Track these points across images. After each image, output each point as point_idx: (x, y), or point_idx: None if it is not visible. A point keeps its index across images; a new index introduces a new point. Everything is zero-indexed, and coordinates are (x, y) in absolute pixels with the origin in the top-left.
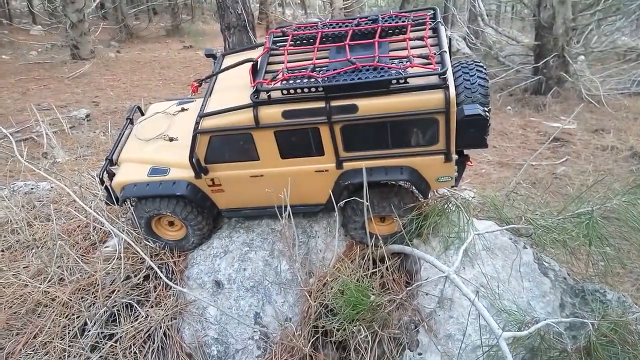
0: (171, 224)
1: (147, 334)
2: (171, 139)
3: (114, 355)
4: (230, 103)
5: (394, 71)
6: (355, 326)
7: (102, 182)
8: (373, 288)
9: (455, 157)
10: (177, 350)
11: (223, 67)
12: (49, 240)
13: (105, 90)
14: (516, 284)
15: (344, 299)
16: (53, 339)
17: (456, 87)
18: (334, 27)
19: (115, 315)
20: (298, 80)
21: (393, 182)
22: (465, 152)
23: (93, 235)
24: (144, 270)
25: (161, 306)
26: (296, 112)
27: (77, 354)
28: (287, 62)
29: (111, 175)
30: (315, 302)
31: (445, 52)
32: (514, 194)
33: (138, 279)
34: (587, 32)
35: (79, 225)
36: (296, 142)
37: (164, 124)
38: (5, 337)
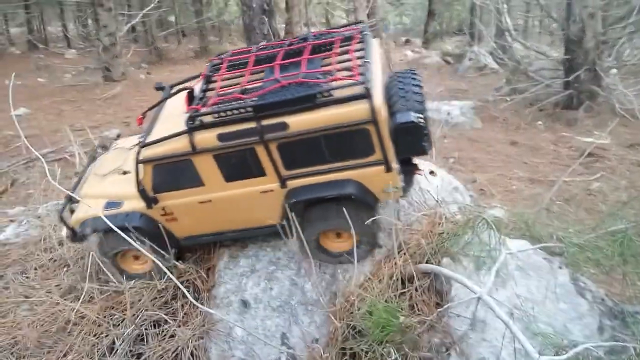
0: (136, 257)
1: (174, 354)
2: (124, 172)
3: None
4: (169, 132)
5: (317, 86)
6: (385, 348)
7: (62, 220)
8: (402, 309)
9: (396, 166)
10: None
11: (165, 106)
12: (79, 259)
13: (135, 111)
14: (552, 305)
15: (372, 320)
16: (83, 357)
17: (391, 96)
18: (267, 50)
19: (143, 334)
20: (227, 103)
21: (344, 196)
22: (415, 161)
23: None
24: (172, 289)
25: (188, 325)
26: (230, 134)
27: None
28: (220, 87)
29: (62, 217)
30: (341, 323)
31: (369, 62)
32: (546, 211)
33: (166, 298)
34: (619, 45)
35: None
36: (237, 165)
37: (121, 158)
38: (36, 355)
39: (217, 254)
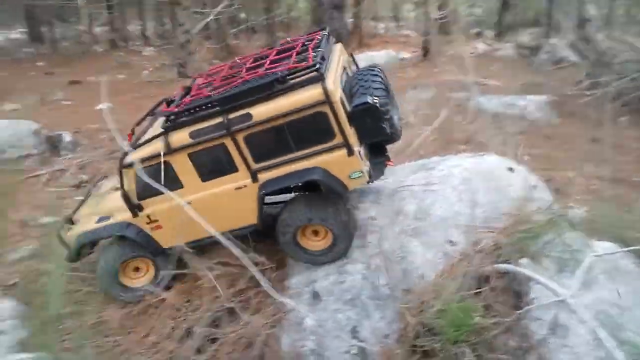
0: (137, 269)
1: (248, 341)
2: (117, 189)
3: (216, 358)
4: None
5: (271, 75)
6: (460, 348)
7: (60, 239)
8: (477, 309)
9: (357, 149)
10: (276, 358)
11: (155, 122)
12: None
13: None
14: None
15: (447, 319)
16: (162, 339)
17: (351, 88)
18: (239, 61)
19: (218, 321)
20: (197, 101)
21: (319, 189)
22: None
23: None
24: (246, 279)
25: (261, 314)
26: (201, 130)
27: (184, 355)
28: (195, 92)
29: (61, 236)
30: (414, 320)
31: (322, 51)
32: (630, 212)
33: (240, 287)
34: None
35: None
36: (210, 162)
37: (115, 180)
38: (120, 335)
39: None
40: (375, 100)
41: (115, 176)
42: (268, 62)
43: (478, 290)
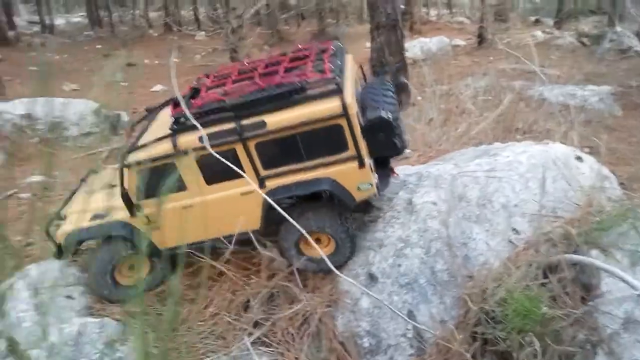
0: (131, 267)
1: (303, 317)
2: (112, 186)
3: (273, 333)
4: (156, 137)
5: (290, 85)
6: (525, 337)
7: (48, 235)
8: (542, 299)
9: (369, 161)
10: (331, 337)
11: (154, 120)
12: None
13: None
14: None
15: (512, 307)
16: (220, 310)
17: (362, 101)
18: (249, 65)
19: (274, 296)
20: (209, 105)
21: (321, 197)
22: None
23: None
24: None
25: (317, 293)
26: (211, 135)
27: (241, 328)
28: (205, 94)
29: (49, 232)
30: (475, 307)
31: (340, 64)
32: None
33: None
34: None
35: None
36: (218, 167)
37: (110, 176)
38: (180, 305)
39: None
40: (389, 116)
41: (105, 172)
42: (282, 69)
43: (544, 281)
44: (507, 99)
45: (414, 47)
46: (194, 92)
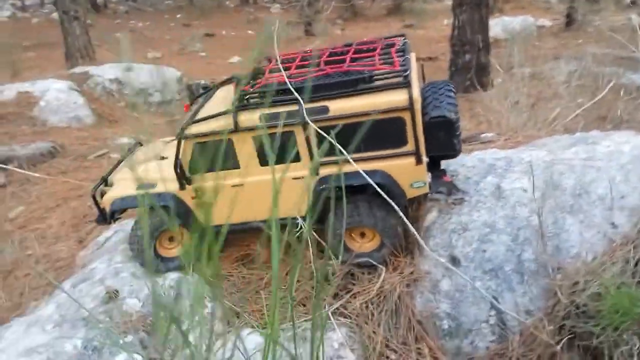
0: (171, 239)
1: (383, 294)
2: (162, 158)
3: (352, 306)
4: (214, 112)
5: (358, 73)
6: (623, 335)
7: (95, 200)
8: None
9: (426, 159)
10: (410, 316)
11: (212, 96)
12: None
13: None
14: None
15: (609, 303)
16: (302, 279)
17: (424, 99)
18: (310, 53)
19: (354, 272)
20: (273, 86)
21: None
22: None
23: None
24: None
25: (397, 271)
26: (272, 115)
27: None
28: (268, 76)
29: (95, 197)
30: (566, 299)
31: (409, 58)
32: None
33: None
34: None
35: None
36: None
37: (160, 147)
38: (263, 270)
39: (425, 207)
40: (452, 116)
41: (153, 144)
42: (349, 58)
43: None
44: (608, 85)
45: (495, 25)
46: (257, 73)
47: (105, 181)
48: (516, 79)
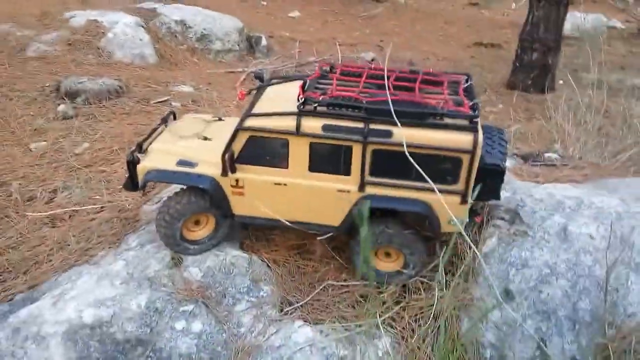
0: (197, 223)
1: (432, 313)
2: (205, 138)
3: (400, 317)
4: (275, 110)
5: (432, 107)
6: None
7: (130, 164)
8: None
9: (471, 201)
10: (454, 338)
11: (268, 89)
12: None
13: (389, 36)
14: None
15: None
16: (353, 280)
17: None
18: (378, 70)
19: (407, 285)
20: (344, 99)
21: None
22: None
23: None
24: (443, 254)
25: (450, 292)
26: (336, 127)
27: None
28: (337, 86)
29: (135, 162)
30: (617, 358)
31: (478, 103)
32: None
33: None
34: None
35: None
36: (327, 158)
37: (200, 126)
38: (318, 263)
39: (486, 232)
40: (505, 166)
41: (191, 120)
42: (417, 88)
43: None
44: None
45: (566, 22)
46: (323, 74)
47: (140, 147)
48: (580, 84)
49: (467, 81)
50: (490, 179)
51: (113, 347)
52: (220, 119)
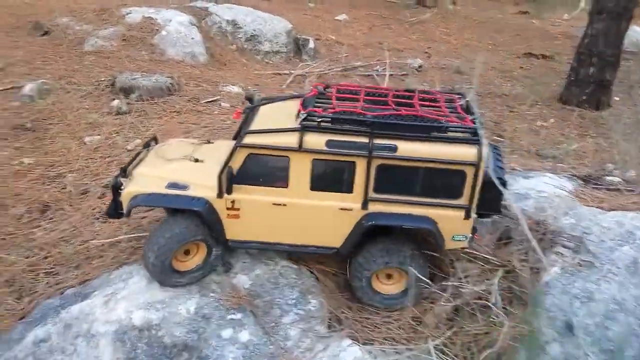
0: (186, 252)
1: (486, 341)
2: (196, 160)
3: (452, 343)
4: (275, 127)
5: (436, 121)
6: None
7: (114, 190)
8: None
9: (474, 215)
10: None
11: (262, 108)
12: None
13: (437, 43)
14: None
15: None
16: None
17: None
18: (374, 90)
19: (460, 309)
20: (347, 115)
21: (408, 234)
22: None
23: None
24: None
25: (506, 320)
26: (340, 143)
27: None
28: (337, 103)
29: (118, 187)
30: None
31: (478, 118)
32: None
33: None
34: None
35: None
36: (330, 175)
37: (188, 149)
38: None
39: (548, 259)
40: (506, 180)
41: (176, 144)
42: (417, 104)
43: None
44: None
45: (633, 37)
46: (320, 94)
47: (124, 172)
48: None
49: (465, 100)
50: (493, 192)
51: (160, 350)
52: (208, 142)
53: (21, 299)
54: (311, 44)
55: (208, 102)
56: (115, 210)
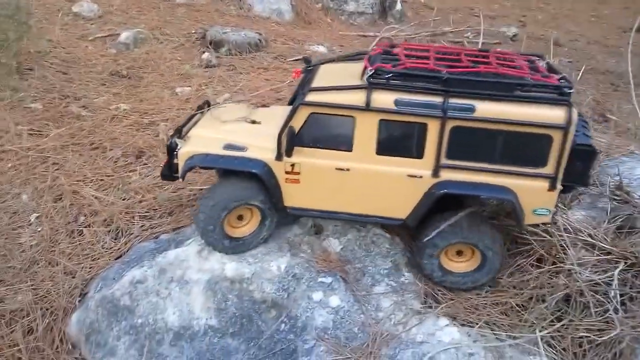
0: (240, 217)
1: (600, 338)
2: (253, 122)
3: (561, 336)
4: (340, 84)
5: (520, 77)
6: None
7: (170, 150)
8: None
9: (560, 187)
10: None
11: (322, 68)
12: None
13: (533, 12)
14: None
15: None
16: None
17: None
18: (444, 49)
19: (572, 298)
20: (420, 70)
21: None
22: None
23: None
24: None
25: (629, 317)
26: (410, 102)
27: (530, 313)
28: (406, 60)
29: (173, 148)
30: None
31: (566, 76)
32: None
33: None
34: None
35: None
36: (398, 138)
37: (245, 111)
38: None
39: None
40: (596, 147)
41: (239, 106)
42: (494, 62)
43: None
44: None
45: None
46: (386, 53)
47: (179, 132)
48: None
49: (546, 61)
50: (581, 161)
51: (250, 304)
52: (264, 105)
53: (117, 239)
54: (398, 6)
55: (294, 60)
56: (169, 171)
